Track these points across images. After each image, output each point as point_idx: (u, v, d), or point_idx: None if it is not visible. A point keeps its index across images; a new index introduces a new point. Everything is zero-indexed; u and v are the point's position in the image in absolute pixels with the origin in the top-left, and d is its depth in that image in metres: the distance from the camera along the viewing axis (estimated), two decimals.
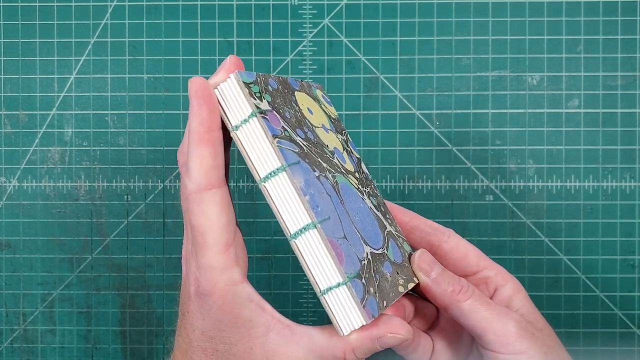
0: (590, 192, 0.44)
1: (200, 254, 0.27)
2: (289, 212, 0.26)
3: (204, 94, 0.26)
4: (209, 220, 0.26)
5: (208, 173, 0.26)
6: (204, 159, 0.26)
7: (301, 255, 0.27)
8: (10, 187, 0.45)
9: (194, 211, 0.26)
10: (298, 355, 0.27)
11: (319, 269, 0.26)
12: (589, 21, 0.44)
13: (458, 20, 0.44)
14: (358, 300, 0.26)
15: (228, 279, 0.27)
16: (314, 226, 0.26)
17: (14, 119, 0.45)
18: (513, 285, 0.33)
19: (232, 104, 0.27)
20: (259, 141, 0.26)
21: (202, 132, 0.26)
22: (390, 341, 0.27)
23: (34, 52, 0.45)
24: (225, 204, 0.27)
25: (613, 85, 0.44)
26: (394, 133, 0.44)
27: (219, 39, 0.45)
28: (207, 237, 0.26)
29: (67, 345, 0.45)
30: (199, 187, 0.26)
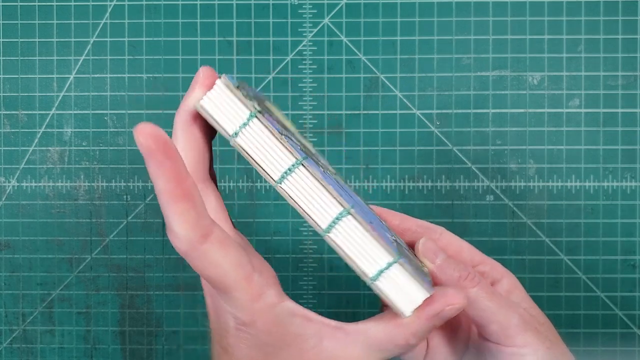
0: (591, 192, 0.44)
1: (226, 297, 0.25)
2: (315, 206, 0.25)
3: (158, 145, 0.23)
4: (220, 268, 0.24)
5: (196, 226, 0.24)
6: (185, 215, 0.23)
7: (339, 247, 0.25)
8: (9, 187, 0.45)
9: (199, 266, 0.24)
10: (357, 356, 0.26)
11: (363, 255, 0.25)
12: (589, 21, 0.44)
13: (458, 20, 0.44)
14: (414, 274, 0.25)
15: (264, 305, 0.25)
16: (347, 213, 0.24)
17: (13, 118, 0.45)
18: (509, 280, 0.32)
19: (225, 110, 0.25)
20: (265, 141, 0.25)
21: (173, 189, 0.23)
22: (449, 314, 0.26)
23: (33, 52, 0.45)
24: (227, 242, 0.25)
25: (614, 85, 0.44)
26: (394, 133, 0.44)
27: (218, 38, 0.44)
28: (226, 282, 0.25)
29: (66, 346, 0.45)
30: (191, 244, 0.24)
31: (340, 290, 0.45)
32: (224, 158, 0.45)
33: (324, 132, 0.44)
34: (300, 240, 0.45)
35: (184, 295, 0.45)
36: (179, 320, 0.45)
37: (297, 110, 0.44)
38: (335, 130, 0.44)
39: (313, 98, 0.44)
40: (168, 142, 0.23)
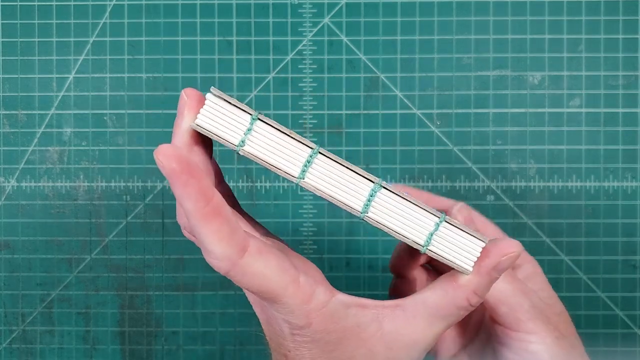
0: (592, 192, 0.44)
1: (276, 305, 0.25)
2: (345, 190, 0.24)
3: (181, 166, 0.22)
4: (264, 279, 0.24)
5: (231, 242, 0.23)
6: (219, 233, 0.23)
7: (383, 225, 0.24)
8: (9, 187, 0.45)
9: (244, 281, 0.24)
10: (421, 329, 0.26)
11: (409, 225, 0.24)
12: (590, 20, 0.44)
13: (459, 20, 0.44)
14: (464, 226, 0.24)
15: (317, 305, 0.25)
16: (379, 187, 0.24)
17: (12, 118, 0.45)
18: (531, 266, 0.32)
19: (225, 122, 0.24)
20: (275, 141, 0.24)
21: (202, 208, 0.22)
22: (506, 264, 0.25)
23: (32, 52, 0.45)
24: (265, 250, 0.24)
25: (614, 85, 0.44)
26: (395, 133, 0.44)
27: (218, 38, 0.44)
28: (274, 291, 0.24)
29: (66, 346, 0.45)
30: (232, 261, 0.23)
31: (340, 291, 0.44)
32: (224, 158, 0.44)
33: (324, 132, 0.44)
34: (300, 240, 0.44)
35: (184, 296, 0.45)
36: (179, 320, 0.45)
37: (297, 110, 0.44)
38: (335, 130, 0.44)
39: (313, 98, 0.44)
40: (191, 162, 0.22)
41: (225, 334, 0.45)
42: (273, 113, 0.44)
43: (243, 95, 0.44)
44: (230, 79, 0.44)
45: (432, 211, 0.24)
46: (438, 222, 0.24)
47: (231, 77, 0.44)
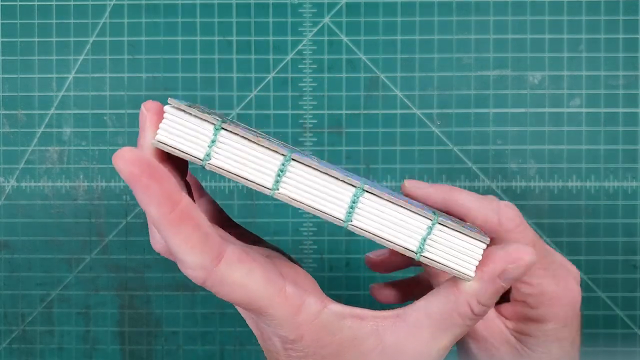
0: (592, 192, 0.44)
1: (263, 317, 0.23)
2: (325, 198, 0.22)
3: (141, 168, 0.20)
4: (246, 288, 0.22)
5: (205, 249, 0.21)
6: (190, 240, 0.21)
7: (369, 232, 0.22)
8: (8, 187, 0.45)
9: (223, 292, 0.22)
10: (425, 341, 0.24)
11: (398, 230, 0.22)
12: (590, 20, 0.44)
13: (459, 19, 0.44)
14: (462, 228, 0.22)
15: (308, 316, 0.23)
16: (362, 191, 0.22)
17: (12, 118, 0.45)
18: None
19: (186, 135, 0.22)
20: (243, 151, 0.22)
21: (168, 214, 0.20)
22: (515, 272, 0.23)
23: (32, 52, 0.45)
24: (246, 257, 0.22)
25: (614, 85, 0.44)
26: (395, 133, 0.44)
27: (218, 38, 0.44)
28: (257, 302, 0.22)
29: (65, 346, 0.45)
30: (207, 270, 0.22)
31: (340, 291, 0.44)
32: None
33: (324, 131, 0.44)
34: (300, 240, 0.44)
35: (184, 296, 0.45)
36: (179, 320, 0.45)
37: (297, 110, 0.44)
38: (335, 130, 0.44)
39: (313, 98, 0.44)
40: (152, 164, 0.20)
41: (225, 334, 0.45)
42: (273, 113, 0.44)
43: (243, 95, 0.44)
44: (230, 78, 0.44)
45: (423, 213, 0.22)
46: (430, 225, 0.22)
47: (231, 77, 0.44)
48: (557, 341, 0.29)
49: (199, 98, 0.44)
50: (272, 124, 0.44)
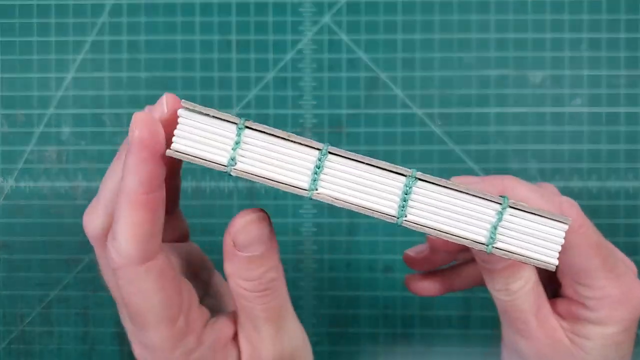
0: (594, 192, 0.44)
1: (139, 333, 0.22)
2: (371, 191, 0.20)
3: (152, 138, 0.19)
4: (147, 300, 0.21)
5: (144, 245, 0.21)
6: (139, 228, 0.20)
7: (428, 227, 0.20)
8: (7, 188, 0.45)
9: (126, 289, 0.21)
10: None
11: (463, 221, 0.19)
12: (591, 19, 0.44)
13: (460, 19, 0.44)
14: (537, 208, 0.19)
15: (179, 355, 0.22)
16: (414, 179, 0.20)
17: (11, 118, 0.45)
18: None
19: (207, 140, 0.20)
20: (272, 150, 0.20)
21: (141, 194, 0.20)
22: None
23: (31, 51, 0.44)
24: (168, 276, 0.22)
25: (616, 84, 0.44)
26: (395, 132, 0.44)
27: (217, 37, 0.44)
28: (146, 318, 0.22)
29: (64, 347, 0.45)
30: (130, 261, 0.21)
31: (340, 292, 0.44)
32: None
33: (324, 131, 0.44)
34: (300, 240, 0.44)
35: None
36: None
37: (297, 110, 0.44)
38: (335, 129, 0.44)
39: (313, 97, 0.44)
40: (162, 142, 0.20)
41: None
42: (273, 113, 0.44)
43: (242, 94, 0.44)
44: (229, 78, 0.44)
45: (489, 197, 0.19)
46: (501, 210, 0.19)
47: (230, 77, 0.44)
48: (615, 345, 0.27)
49: (199, 98, 0.44)
50: (271, 123, 0.44)
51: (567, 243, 0.26)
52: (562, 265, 0.28)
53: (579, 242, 0.26)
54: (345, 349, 0.44)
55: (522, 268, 0.26)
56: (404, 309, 0.44)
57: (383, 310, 0.44)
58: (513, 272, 0.26)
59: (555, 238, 0.20)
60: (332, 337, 0.44)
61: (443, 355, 0.44)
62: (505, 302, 0.27)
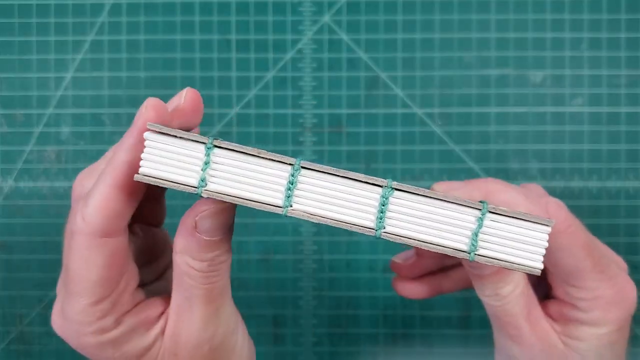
0: (594, 192, 0.44)
1: (66, 302, 0.23)
2: (347, 204, 0.19)
3: (158, 122, 0.20)
4: (87, 271, 0.22)
5: (109, 220, 0.21)
6: (112, 203, 0.21)
7: (407, 238, 0.19)
8: (6, 188, 0.44)
9: (74, 254, 0.22)
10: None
11: (442, 227, 0.19)
12: (592, 19, 0.43)
13: (460, 18, 0.44)
14: (518, 211, 0.19)
15: (95, 331, 0.23)
16: (391, 189, 0.19)
17: (10, 118, 0.44)
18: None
19: (174, 162, 0.19)
20: (243, 168, 0.19)
21: (125, 173, 0.21)
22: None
23: (30, 51, 0.44)
24: (115, 258, 0.22)
25: (617, 84, 0.43)
26: (395, 132, 0.44)
27: (217, 37, 0.44)
28: (78, 287, 0.22)
29: (63, 347, 0.45)
30: (91, 231, 0.21)
31: (340, 292, 0.44)
32: None
33: (324, 131, 0.44)
34: (301, 240, 0.44)
35: None
36: None
37: (296, 110, 0.44)
38: (335, 129, 0.44)
39: (313, 97, 0.44)
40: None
41: None
42: (272, 112, 0.44)
43: (242, 94, 0.44)
44: (229, 77, 0.44)
45: (468, 203, 0.19)
46: (481, 216, 0.19)
47: (230, 76, 0.44)
48: (609, 345, 0.27)
49: None
50: (271, 123, 0.44)
51: (556, 244, 0.25)
52: (551, 267, 0.27)
53: (568, 243, 0.26)
54: (345, 349, 0.44)
55: (510, 272, 0.25)
56: (404, 310, 0.44)
57: (383, 310, 0.44)
58: (501, 278, 0.25)
59: (539, 241, 0.19)
60: (332, 337, 0.44)
61: (443, 356, 0.44)
62: (496, 307, 0.26)
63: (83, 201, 0.22)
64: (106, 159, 0.24)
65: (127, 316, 0.24)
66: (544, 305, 0.28)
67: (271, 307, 0.44)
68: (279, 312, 0.44)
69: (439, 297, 0.44)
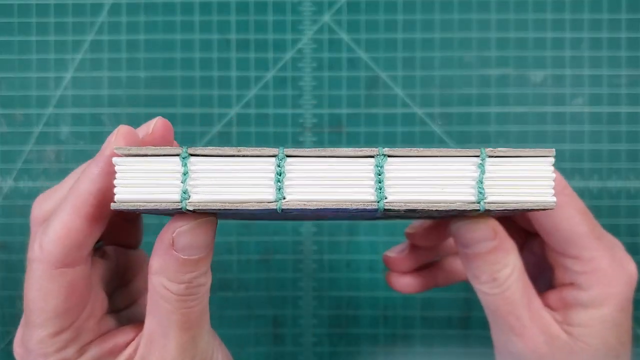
0: (595, 192, 0.43)
1: (25, 329, 0.22)
2: (344, 182, 0.18)
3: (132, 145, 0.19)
4: (43, 301, 0.21)
5: (69, 251, 0.20)
6: (72, 233, 0.20)
7: (413, 202, 0.18)
8: (6, 188, 0.44)
9: (31, 283, 0.21)
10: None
11: (445, 183, 0.18)
12: (592, 19, 0.43)
13: (460, 18, 0.44)
14: (516, 149, 0.18)
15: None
16: (384, 156, 0.18)
17: (10, 118, 0.44)
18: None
19: (151, 181, 0.19)
20: (223, 171, 0.18)
21: (88, 204, 0.20)
22: None
23: (30, 51, 0.44)
24: (74, 288, 0.21)
25: (617, 84, 0.43)
26: (395, 132, 0.44)
27: (217, 36, 0.44)
28: (35, 316, 0.21)
29: None
30: (48, 261, 0.20)
31: (340, 292, 0.44)
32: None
33: (324, 131, 0.44)
34: (300, 240, 0.44)
35: None
36: None
37: (296, 109, 0.44)
38: (335, 129, 0.44)
39: (313, 97, 0.44)
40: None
41: (223, 336, 0.44)
42: (272, 112, 0.44)
43: (242, 94, 0.44)
44: (228, 77, 0.44)
45: (465, 152, 0.18)
46: (481, 162, 0.18)
47: (230, 76, 0.44)
48: (614, 327, 0.25)
49: (198, 97, 0.44)
50: (271, 123, 0.44)
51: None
52: (550, 238, 0.26)
53: (564, 204, 0.25)
54: (345, 349, 0.44)
55: (507, 252, 0.24)
56: (404, 310, 0.44)
57: (383, 310, 0.44)
58: (498, 258, 0.24)
59: (545, 174, 0.19)
60: (332, 337, 0.44)
61: (443, 356, 0.44)
62: (495, 296, 0.25)
63: (42, 228, 0.21)
64: (67, 184, 0.23)
65: (91, 345, 0.23)
66: (542, 297, 0.27)
67: (271, 307, 0.44)
68: (279, 312, 0.44)
69: (439, 298, 0.44)
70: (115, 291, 0.26)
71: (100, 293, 0.24)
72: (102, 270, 0.25)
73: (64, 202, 0.21)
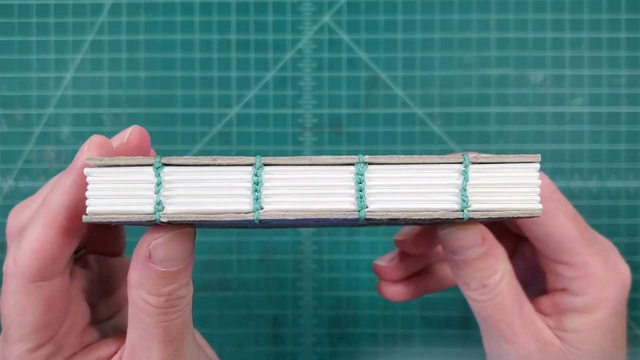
0: (594, 192, 0.43)
1: (3, 343, 0.21)
2: (326, 190, 0.17)
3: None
4: (20, 315, 0.20)
5: (44, 265, 0.20)
6: (46, 246, 0.20)
7: (394, 211, 0.17)
8: (6, 188, 0.44)
9: (6, 298, 0.20)
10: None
11: (427, 191, 0.17)
12: (592, 19, 0.43)
13: (460, 18, 0.44)
14: (501, 155, 0.18)
15: None
16: (364, 164, 0.18)
17: (10, 118, 0.44)
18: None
19: (124, 193, 0.18)
20: (198, 181, 0.18)
21: (61, 217, 0.20)
22: None
23: (30, 51, 0.44)
24: (52, 301, 0.21)
25: (617, 84, 0.43)
26: (395, 132, 0.44)
27: (217, 36, 0.44)
28: (13, 331, 0.20)
29: None
30: (23, 275, 0.20)
31: (340, 292, 0.44)
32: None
33: (324, 131, 0.44)
34: (300, 240, 0.44)
35: None
36: None
37: (296, 110, 0.44)
38: (335, 129, 0.44)
39: (313, 97, 0.44)
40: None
41: (224, 336, 0.44)
42: (272, 112, 0.44)
43: (242, 94, 0.44)
44: (228, 77, 0.44)
45: (447, 159, 0.18)
46: (464, 169, 0.18)
47: (230, 76, 0.44)
48: (608, 333, 0.25)
49: (198, 97, 0.44)
50: (271, 123, 0.44)
51: (542, 213, 0.25)
52: (540, 244, 0.26)
53: (553, 209, 0.25)
54: (345, 349, 0.44)
55: (496, 258, 0.24)
56: (404, 310, 0.44)
57: (383, 310, 0.44)
58: (487, 264, 0.24)
59: (530, 181, 0.18)
60: (332, 337, 0.44)
61: (443, 356, 0.44)
62: (486, 302, 0.25)
63: (16, 242, 0.20)
64: (43, 194, 0.22)
65: (73, 358, 0.22)
66: (534, 302, 0.27)
67: (271, 307, 0.44)
68: (279, 312, 0.44)
69: (438, 298, 0.44)
70: (99, 301, 0.26)
71: (81, 304, 0.23)
72: (83, 280, 0.24)
73: (37, 214, 0.20)
